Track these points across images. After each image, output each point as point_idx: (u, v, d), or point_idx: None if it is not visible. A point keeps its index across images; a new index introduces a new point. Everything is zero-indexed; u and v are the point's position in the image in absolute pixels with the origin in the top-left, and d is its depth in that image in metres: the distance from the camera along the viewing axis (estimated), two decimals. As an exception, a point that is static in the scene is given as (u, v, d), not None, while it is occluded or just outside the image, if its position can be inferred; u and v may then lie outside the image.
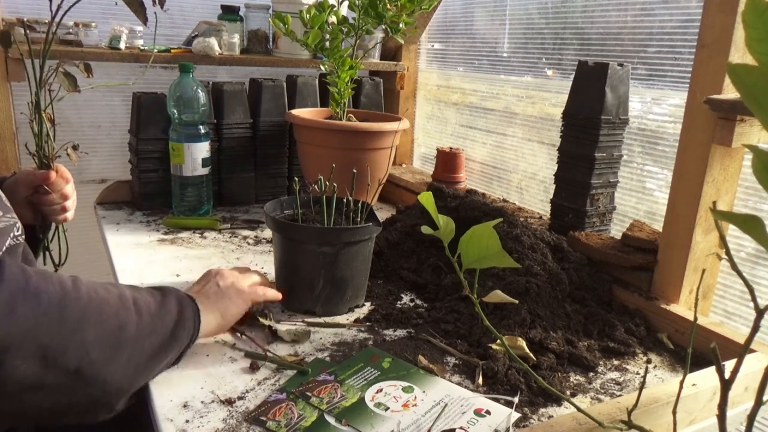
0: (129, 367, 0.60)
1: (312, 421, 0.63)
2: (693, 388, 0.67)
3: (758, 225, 0.32)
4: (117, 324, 0.59)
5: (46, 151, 0.97)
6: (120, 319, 0.60)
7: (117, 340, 0.59)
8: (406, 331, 0.86)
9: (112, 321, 0.59)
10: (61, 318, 0.54)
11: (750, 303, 0.77)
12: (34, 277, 0.55)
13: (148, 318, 0.63)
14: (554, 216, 1.15)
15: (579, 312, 0.90)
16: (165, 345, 0.65)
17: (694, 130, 0.85)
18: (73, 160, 1.02)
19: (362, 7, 1.23)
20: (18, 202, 0.95)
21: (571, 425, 0.57)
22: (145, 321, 0.63)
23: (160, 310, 0.66)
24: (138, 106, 1.31)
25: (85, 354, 0.55)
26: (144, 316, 0.63)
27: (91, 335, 0.56)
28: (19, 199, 0.96)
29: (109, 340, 0.58)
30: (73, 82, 0.96)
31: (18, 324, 0.51)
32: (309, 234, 0.87)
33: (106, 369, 0.57)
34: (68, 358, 0.54)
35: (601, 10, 1.19)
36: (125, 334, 0.60)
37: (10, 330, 0.50)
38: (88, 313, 0.57)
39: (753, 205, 0.93)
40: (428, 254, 1.05)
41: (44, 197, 0.97)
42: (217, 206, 1.43)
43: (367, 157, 1.30)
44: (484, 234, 0.47)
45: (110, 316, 0.59)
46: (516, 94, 1.42)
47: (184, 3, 1.69)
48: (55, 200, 0.99)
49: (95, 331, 0.57)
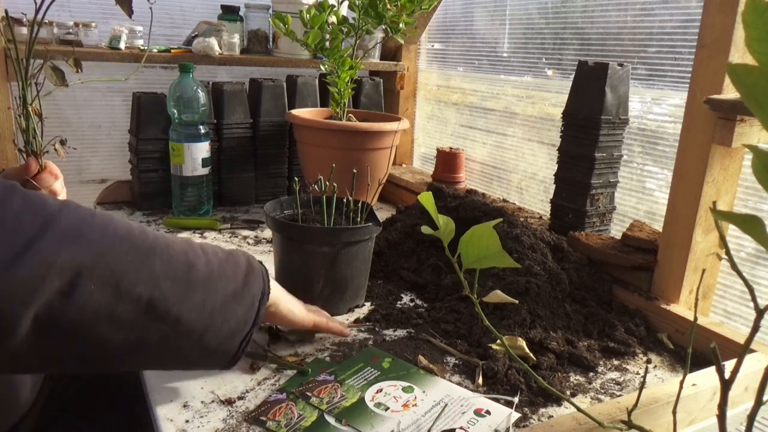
0: (205, 308, 0.57)
1: (312, 421, 0.63)
2: (693, 388, 0.67)
3: (758, 225, 0.32)
4: (186, 261, 0.57)
5: (33, 146, 0.95)
6: (189, 257, 0.57)
7: (187, 277, 0.56)
8: (406, 331, 0.86)
9: (181, 257, 0.56)
10: (131, 245, 0.52)
11: (750, 303, 0.77)
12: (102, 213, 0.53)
13: (217, 262, 0.60)
14: (554, 216, 1.15)
15: (579, 312, 0.90)
16: (237, 292, 0.61)
17: (694, 130, 0.85)
18: (61, 155, 0.99)
19: (362, 7, 1.23)
20: None
21: (571, 425, 0.57)
22: (214, 264, 0.60)
23: (229, 258, 0.63)
24: (138, 106, 1.31)
25: (156, 284, 0.53)
26: (213, 260, 0.60)
27: (161, 267, 0.54)
28: None
29: (179, 275, 0.55)
30: (60, 76, 0.94)
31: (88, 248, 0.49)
32: (309, 234, 0.87)
33: (180, 305, 0.54)
34: (140, 287, 0.52)
35: (601, 10, 1.19)
36: (195, 272, 0.57)
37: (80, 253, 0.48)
38: (157, 247, 0.54)
39: (753, 205, 0.93)
40: (428, 254, 1.05)
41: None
42: (217, 206, 1.43)
43: (367, 157, 1.30)
44: (484, 234, 0.47)
45: (179, 252, 0.56)
46: (516, 94, 1.42)
47: (184, 3, 1.69)
48: None
49: (165, 265, 0.54)
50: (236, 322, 0.60)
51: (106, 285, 0.49)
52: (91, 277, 0.48)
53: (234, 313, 0.60)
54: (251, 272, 0.64)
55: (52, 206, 0.48)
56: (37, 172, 0.94)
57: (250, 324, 0.62)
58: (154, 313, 0.53)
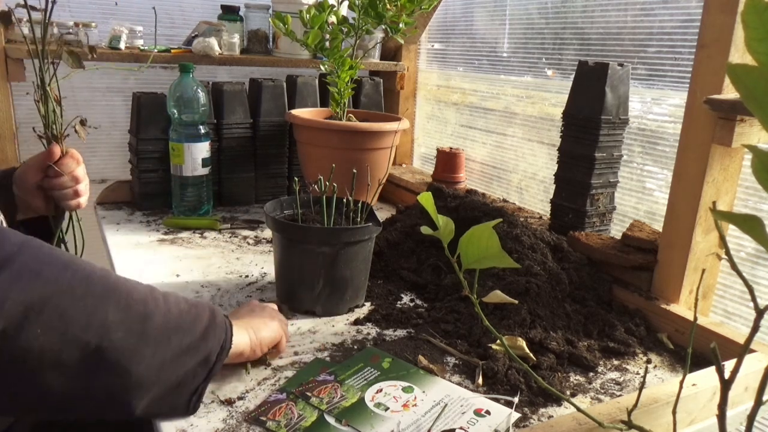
0: (153, 361, 0.55)
1: (312, 421, 0.63)
2: (693, 388, 0.67)
3: (758, 225, 0.32)
4: (143, 312, 0.55)
5: (54, 130, 0.93)
6: (147, 307, 0.56)
7: (142, 328, 0.54)
8: (406, 331, 0.86)
9: (138, 307, 0.55)
10: (87, 291, 0.51)
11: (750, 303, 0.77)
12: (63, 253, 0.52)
13: (177, 314, 0.59)
14: (554, 216, 1.15)
15: (579, 312, 0.90)
16: (194, 346, 0.59)
17: (694, 130, 0.85)
18: (82, 136, 0.97)
19: (362, 7, 1.23)
20: (29, 191, 0.92)
21: (571, 425, 0.57)
22: (173, 315, 0.58)
23: (191, 310, 0.61)
24: (138, 106, 1.31)
25: (106, 332, 0.51)
26: (173, 310, 0.58)
27: (115, 315, 0.52)
28: (30, 187, 0.92)
29: (133, 325, 0.53)
30: (77, 59, 0.94)
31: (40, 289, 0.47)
32: (309, 234, 0.87)
33: (129, 357, 0.53)
34: (89, 334, 0.50)
35: (601, 10, 1.19)
36: (151, 323, 0.55)
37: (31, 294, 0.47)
38: (115, 293, 0.53)
39: (753, 205, 0.93)
40: (428, 254, 1.06)
41: (54, 180, 0.92)
42: (217, 206, 1.43)
43: (367, 157, 1.30)
44: (483, 234, 0.47)
45: (137, 301, 0.55)
46: (516, 94, 1.42)
47: (184, 3, 1.69)
48: (66, 183, 0.93)
49: (120, 313, 0.53)
50: (185, 375, 0.59)
51: (54, 330, 0.48)
52: (38, 320, 0.47)
53: (184, 366, 0.58)
54: (212, 326, 0.62)
55: (12, 244, 0.48)
56: (59, 158, 0.93)
57: (201, 378, 0.60)
58: (102, 362, 0.51)
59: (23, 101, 1.49)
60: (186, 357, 0.59)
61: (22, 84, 1.32)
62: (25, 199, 0.93)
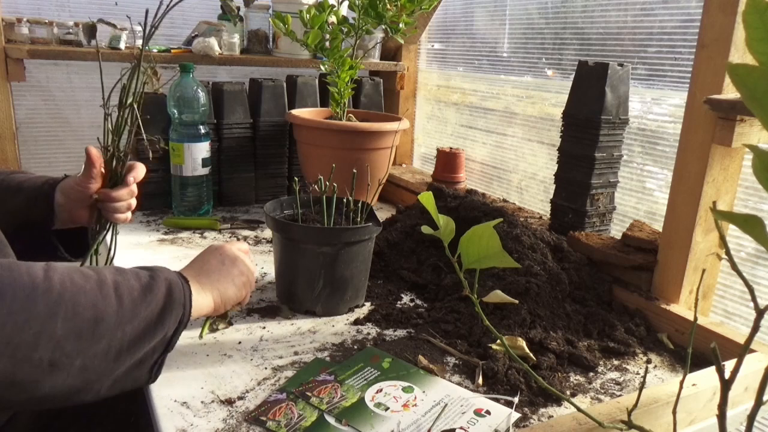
0: (109, 354, 0.57)
1: (312, 421, 0.63)
2: (693, 388, 0.67)
3: (758, 225, 0.32)
4: (93, 315, 0.56)
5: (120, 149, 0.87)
6: (97, 310, 0.56)
7: (92, 331, 0.55)
8: (406, 331, 0.86)
9: (87, 313, 0.55)
10: (30, 314, 0.51)
11: (750, 303, 0.77)
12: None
13: (130, 305, 0.59)
14: (554, 216, 1.15)
15: (579, 312, 0.90)
16: (149, 330, 0.61)
17: (694, 130, 0.85)
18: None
19: (362, 7, 1.23)
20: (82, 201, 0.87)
21: (571, 425, 0.57)
22: (126, 308, 0.59)
23: (146, 295, 0.62)
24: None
25: (57, 346, 0.53)
26: (125, 302, 0.59)
27: (63, 329, 0.53)
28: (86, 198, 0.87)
29: (83, 331, 0.55)
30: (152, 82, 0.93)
31: None
32: (309, 234, 0.87)
33: (84, 359, 0.55)
34: (40, 352, 0.51)
35: (601, 10, 1.19)
36: (104, 324, 0.56)
37: None
38: (59, 306, 0.54)
39: (753, 205, 0.93)
40: (428, 254, 1.06)
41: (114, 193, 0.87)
42: (217, 206, 1.43)
43: (367, 157, 1.30)
44: (484, 234, 0.47)
45: (86, 307, 0.55)
46: (516, 94, 1.42)
47: (184, 3, 1.68)
48: (124, 196, 0.88)
49: (68, 324, 0.54)
50: (144, 355, 0.61)
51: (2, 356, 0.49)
52: None
53: (142, 348, 0.61)
54: (169, 306, 0.63)
55: None
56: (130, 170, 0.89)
57: (159, 352, 0.63)
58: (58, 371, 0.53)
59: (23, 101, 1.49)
60: (143, 341, 0.60)
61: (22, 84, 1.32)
62: (69, 209, 0.88)
